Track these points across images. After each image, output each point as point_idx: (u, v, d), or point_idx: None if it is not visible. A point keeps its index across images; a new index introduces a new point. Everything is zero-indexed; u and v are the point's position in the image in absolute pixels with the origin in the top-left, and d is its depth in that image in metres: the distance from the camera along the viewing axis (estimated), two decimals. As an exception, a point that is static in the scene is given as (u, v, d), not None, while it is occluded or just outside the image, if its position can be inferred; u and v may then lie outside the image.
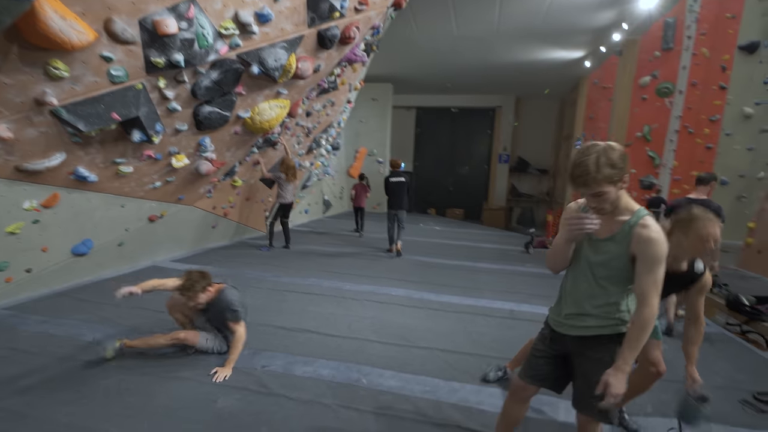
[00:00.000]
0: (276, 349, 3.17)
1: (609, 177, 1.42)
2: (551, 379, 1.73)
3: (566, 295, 1.68)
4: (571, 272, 1.67)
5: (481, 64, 10.73)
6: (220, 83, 4.09)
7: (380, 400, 2.55)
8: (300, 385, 2.68)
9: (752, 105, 12.22)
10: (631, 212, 1.51)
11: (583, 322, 1.60)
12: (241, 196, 6.88)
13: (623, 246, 1.49)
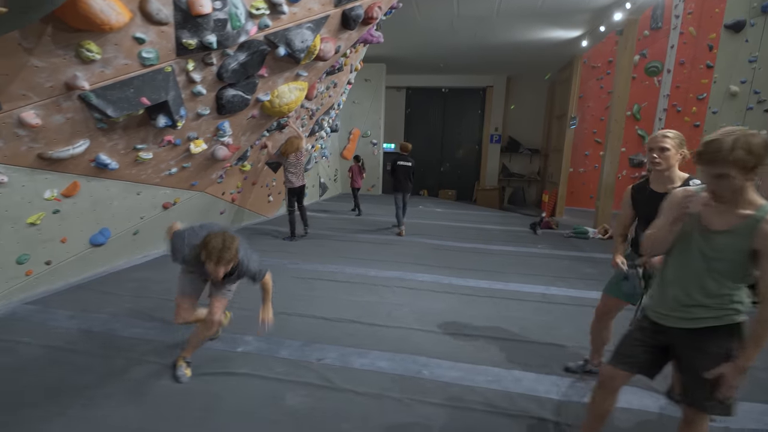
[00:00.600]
0: (325, 341, 3.16)
1: (740, 160, 1.35)
2: (647, 367, 1.71)
3: (669, 286, 1.62)
4: (676, 261, 1.62)
5: (475, 44, 10.65)
6: (246, 65, 3.94)
7: (448, 392, 2.57)
8: (363, 379, 2.67)
9: (738, 83, 12.73)
10: (755, 206, 1.44)
11: (693, 314, 1.54)
12: (248, 180, 6.72)
13: (744, 240, 1.44)
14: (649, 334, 1.68)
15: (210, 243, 2.16)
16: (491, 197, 12.83)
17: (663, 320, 1.63)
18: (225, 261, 2.17)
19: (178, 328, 3.18)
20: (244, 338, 3.14)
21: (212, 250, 2.14)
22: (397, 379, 2.69)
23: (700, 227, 1.53)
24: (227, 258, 2.17)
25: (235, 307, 3.39)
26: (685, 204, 1.50)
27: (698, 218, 1.54)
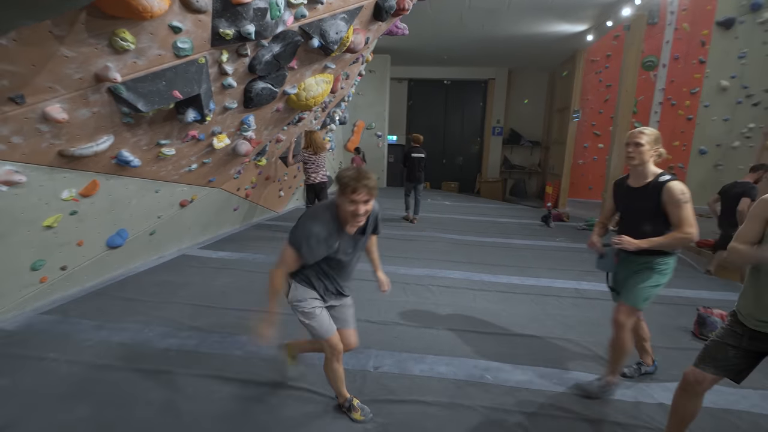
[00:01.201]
0: (377, 346, 3.02)
1: None
2: (737, 372, 1.71)
3: (764, 291, 1.62)
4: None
5: (481, 36, 10.51)
6: (279, 57, 3.71)
7: (517, 396, 2.47)
8: (427, 387, 2.55)
9: (728, 78, 12.95)
10: None
11: None
12: (263, 175, 6.48)
13: None
14: (745, 341, 1.68)
15: (349, 172, 1.83)
16: (495, 189, 12.83)
17: (764, 328, 1.62)
18: (372, 184, 1.82)
19: (218, 338, 3.01)
20: None
21: (357, 175, 1.80)
22: (462, 385, 2.59)
23: None
24: (373, 181, 1.83)
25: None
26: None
27: None
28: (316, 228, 1.86)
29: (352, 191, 1.79)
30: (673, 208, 2.12)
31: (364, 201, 1.82)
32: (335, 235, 1.91)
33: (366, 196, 1.81)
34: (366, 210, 1.84)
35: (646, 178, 2.25)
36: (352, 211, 1.82)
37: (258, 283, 4.18)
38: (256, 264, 4.80)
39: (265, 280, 1.99)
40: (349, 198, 1.80)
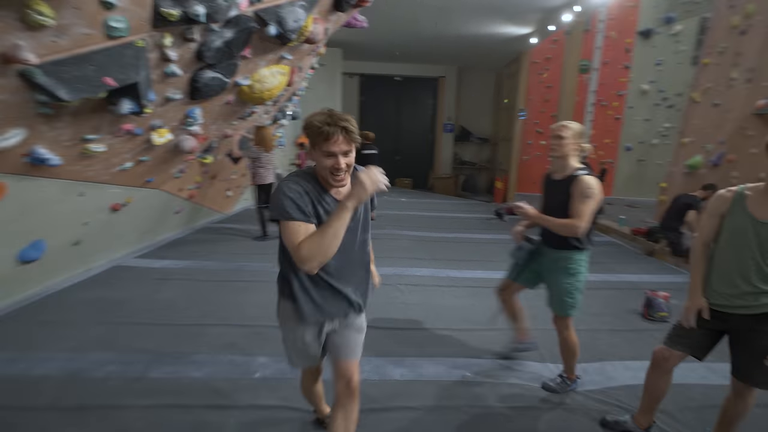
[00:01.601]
0: None
1: None
2: (701, 349, 1.85)
3: (724, 275, 1.75)
4: (732, 254, 1.74)
5: (433, 34, 10.52)
6: (231, 44, 3.32)
7: (499, 391, 2.44)
8: (409, 391, 2.41)
9: (648, 83, 14.15)
10: None
11: (758, 301, 1.69)
12: (209, 174, 5.94)
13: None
14: (707, 321, 1.81)
15: (319, 116, 1.38)
16: (448, 185, 13.02)
17: (726, 308, 1.76)
18: (352, 127, 1.38)
19: (171, 360, 2.62)
20: (258, 360, 2.67)
21: (330, 117, 1.36)
22: (445, 386, 2.48)
23: (754, 221, 1.68)
24: (352, 124, 1.39)
25: (220, 324, 2.93)
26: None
27: (749, 215, 1.70)
28: (292, 185, 1.41)
29: (325, 138, 1.34)
30: (576, 199, 2.14)
31: (343, 152, 1.37)
32: (320, 198, 1.44)
33: (345, 144, 1.36)
34: (348, 163, 1.40)
35: (565, 171, 2.26)
36: (330, 166, 1.38)
37: (212, 292, 3.78)
38: (208, 272, 4.36)
39: (220, 289, 1.71)
40: (323, 149, 1.36)
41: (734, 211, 1.76)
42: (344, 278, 1.54)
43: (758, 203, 1.70)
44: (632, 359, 2.78)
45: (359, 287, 1.62)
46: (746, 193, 1.75)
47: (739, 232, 1.72)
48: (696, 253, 1.88)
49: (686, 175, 7.89)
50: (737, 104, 6.74)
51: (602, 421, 2.14)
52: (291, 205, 1.37)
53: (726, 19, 7.42)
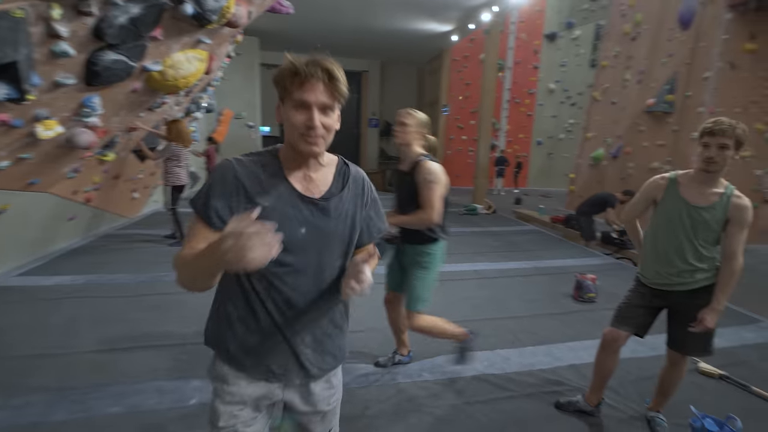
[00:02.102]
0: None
1: (738, 137, 1.72)
2: (644, 327, 1.98)
3: (663, 256, 1.89)
4: (668, 236, 1.88)
5: (355, 27, 10.39)
6: (137, 22, 2.86)
7: (455, 387, 2.40)
8: (367, 398, 2.28)
9: (554, 82, 15.53)
10: (724, 186, 1.81)
11: (693, 277, 1.84)
12: (110, 174, 5.19)
13: (721, 213, 1.79)
14: (647, 299, 1.96)
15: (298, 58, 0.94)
16: (375, 180, 12.90)
17: (665, 286, 1.90)
18: (338, 74, 0.94)
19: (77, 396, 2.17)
20: (191, 384, 2.30)
21: (309, 58, 0.93)
22: (402, 389, 2.37)
23: (687, 206, 1.83)
24: (337, 69, 0.94)
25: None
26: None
27: (683, 199, 1.85)
28: (237, 166, 0.97)
29: (300, 83, 0.91)
30: (421, 187, 2.13)
31: (321, 105, 0.93)
32: (270, 187, 0.97)
33: (325, 95, 0.93)
34: (326, 125, 0.95)
35: (410, 160, 2.25)
36: (302, 123, 0.93)
37: (123, 310, 3.27)
38: (115, 287, 3.78)
39: (133, 306, 1.39)
40: (295, 98, 0.92)
41: (668, 196, 1.90)
42: (295, 320, 1.02)
43: (689, 189, 1.84)
44: (572, 340, 2.94)
45: (320, 341, 1.07)
46: (678, 180, 1.89)
47: (674, 216, 1.86)
48: (630, 226, 2.11)
49: (591, 167, 8.73)
50: (631, 102, 7.57)
51: (557, 404, 2.20)
52: (212, 196, 0.94)
53: (619, 27, 8.29)
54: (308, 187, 1.00)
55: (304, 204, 0.99)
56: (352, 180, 1.08)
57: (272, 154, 1.02)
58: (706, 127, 1.76)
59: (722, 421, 1.86)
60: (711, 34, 6.22)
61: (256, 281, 0.99)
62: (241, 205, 0.94)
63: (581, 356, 2.70)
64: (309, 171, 1.01)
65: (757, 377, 2.55)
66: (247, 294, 1.00)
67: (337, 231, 1.03)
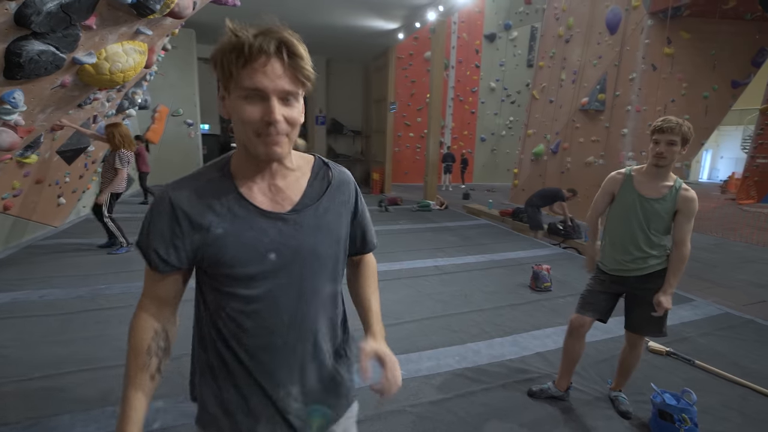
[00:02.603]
0: None
1: (684, 134, 1.87)
2: (606, 312, 2.12)
3: (619, 244, 2.06)
4: (623, 226, 2.05)
5: (299, 22, 10.01)
6: (68, 9, 2.56)
7: (433, 383, 2.42)
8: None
9: (495, 81, 16.23)
10: (673, 180, 1.97)
11: (646, 263, 2.00)
12: (31, 178, 4.63)
13: (671, 204, 1.95)
14: (607, 285, 2.11)
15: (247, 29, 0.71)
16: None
17: (621, 272, 2.06)
18: (299, 50, 0.72)
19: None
20: (152, 406, 2.10)
21: (261, 28, 0.71)
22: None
23: (640, 197, 1.99)
24: (298, 45, 0.72)
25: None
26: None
27: (637, 192, 2.00)
28: (164, 195, 0.78)
29: (245, 61, 0.69)
30: None
31: (281, 92, 0.71)
32: (218, 202, 0.78)
33: (285, 79, 0.71)
34: (291, 118, 0.74)
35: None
36: (258, 119, 0.72)
37: (59, 330, 2.94)
38: (46, 304, 3.38)
39: (71, 324, 1.24)
40: (242, 84, 0.71)
41: (624, 190, 2.06)
42: (276, 369, 0.83)
43: (643, 183, 2.01)
44: (535, 329, 3.08)
45: (311, 391, 0.87)
46: (633, 175, 2.06)
47: (628, 207, 2.02)
48: (591, 222, 2.26)
49: (532, 162, 9.23)
50: (567, 101, 8.08)
51: (529, 392, 2.29)
52: (151, 235, 0.77)
53: (553, 29, 8.81)
54: (275, 199, 0.80)
55: (268, 222, 0.78)
56: (336, 184, 0.87)
57: (219, 166, 0.81)
58: (657, 126, 1.91)
59: (679, 395, 2.03)
60: (635, 39, 6.80)
61: (223, 325, 0.80)
62: (187, 239, 0.76)
63: (546, 344, 2.84)
64: (274, 179, 0.80)
65: (698, 351, 2.83)
66: (215, 341, 0.82)
67: (318, 249, 0.82)
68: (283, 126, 0.72)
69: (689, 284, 4.35)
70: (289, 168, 0.82)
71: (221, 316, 0.80)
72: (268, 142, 0.72)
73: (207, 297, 0.82)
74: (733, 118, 21.01)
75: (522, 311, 3.42)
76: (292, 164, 0.83)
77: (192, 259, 0.78)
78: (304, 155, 0.88)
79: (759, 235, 7.05)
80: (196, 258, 0.78)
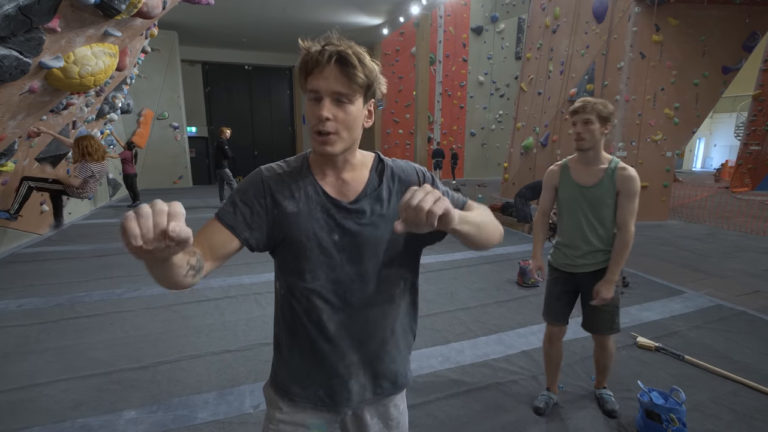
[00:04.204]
0: (249, 379, 2.36)
1: (599, 111, 1.78)
2: (565, 314, 2.03)
3: (567, 240, 1.95)
4: (570, 221, 1.94)
5: (282, 21, 10.01)
6: (27, 11, 2.47)
7: (417, 382, 2.32)
8: None
9: (483, 74, 16.16)
10: (607, 161, 1.86)
11: (596, 258, 1.89)
12: (9, 186, 4.54)
13: (610, 187, 1.83)
14: (561, 284, 2.01)
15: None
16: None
17: (573, 269, 1.95)
18: (355, 58, 0.81)
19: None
20: (125, 416, 2.06)
21: (320, 42, 0.84)
22: None
23: (578, 188, 1.89)
24: (359, 55, 0.83)
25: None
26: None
27: (575, 183, 1.90)
28: (257, 171, 0.93)
29: (309, 71, 0.82)
30: None
31: (333, 94, 0.81)
32: (297, 187, 0.89)
33: (338, 82, 0.81)
34: (341, 118, 0.82)
35: None
36: (313, 116, 0.83)
37: (35, 340, 2.87)
38: (23, 314, 3.30)
39: (48, 334, 1.18)
40: (308, 88, 0.83)
41: (563, 182, 1.97)
42: (341, 340, 0.92)
43: (578, 171, 1.91)
44: (521, 326, 3.02)
45: (372, 363, 0.96)
46: (569, 165, 1.96)
47: (571, 199, 1.92)
48: (536, 222, 2.10)
49: (522, 155, 9.18)
50: (555, 92, 8.02)
51: (536, 411, 2.10)
52: (235, 199, 0.89)
53: (540, 20, 8.74)
54: (342, 191, 0.91)
55: (335, 208, 0.90)
56: (390, 177, 0.95)
57: (301, 158, 0.96)
58: (571, 108, 1.86)
59: (667, 394, 1.97)
60: (622, 27, 6.74)
61: (296, 301, 0.92)
62: (267, 209, 0.89)
63: (531, 341, 2.79)
64: (341, 173, 0.92)
65: (688, 345, 2.78)
66: (287, 315, 0.95)
67: (378, 237, 0.90)
68: (330, 124, 0.82)
69: (681, 275, 4.31)
70: (354, 163, 0.93)
71: (296, 293, 0.91)
72: (319, 140, 0.84)
73: (280, 281, 0.95)
74: (726, 105, 21.05)
75: (508, 308, 3.36)
76: (356, 161, 0.93)
77: (267, 236, 0.89)
78: (366, 153, 0.98)
79: (753, 224, 7.00)
80: (272, 234, 0.89)
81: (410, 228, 0.69)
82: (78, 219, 7.16)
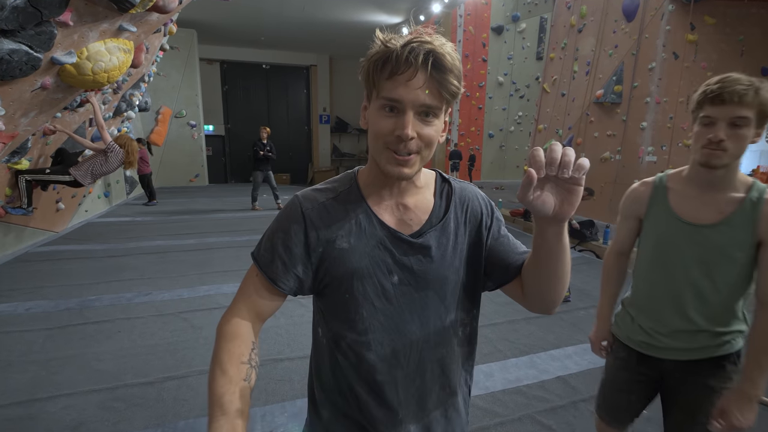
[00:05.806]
0: (258, 402, 2.20)
1: (763, 104, 1.01)
2: (641, 410, 1.33)
3: (647, 305, 1.24)
4: (656, 272, 1.21)
5: (301, 20, 9.92)
6: (38, 4, 2.35)
7: (489, 405, 2.14)
8: None
9: (503, 75, 15.85)
10: (746, 186, 1.10)
11: (695, 342, 1.16)
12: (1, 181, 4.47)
13: (746, 231, 1.07)
14: (633, 370, 1.29)
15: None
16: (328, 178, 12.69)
17: (654, 351, 1.23)
18: (449, 62, 0.66)
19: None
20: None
21: (400, 40, 0.67)
22: None
23: (684, 226, 1.15)
24: (454, 58, 0.67)
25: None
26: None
27: (676, 217, 1.16)
28: (294, 203, 0.76)
29: (390, 73, 0.65)
30: None
31: (420, 105, 0.65)
32: (346, 218, 0.73)
33: (430, 94, 0.65)
34: (426, 136, 0.67)
35: None
36: (390, 130, 0.66)
37: (40, 348, 2.75)
38: (31, 318, 3.20)
39: (54, 341, 1.07)
40: (383, 94, 0.66)
41: (654, 211, 1.22)
42: (392, 401, 0.75)
43: (686, 198, 1.15)
44: (554, 347, 2.80)
45: (427, 427, 0.79)
46: (667, 186, 1.20)
47: (667, 243, 1.18)
48: (606, 264, 1.36)
49: (544, 158, 8.87)
50: (580, 94, 7.72)
51: None
52: (278, 245, 0.73)
53: (565, 19, 8.44)
54: (402, 219, 0.74)
55: (395, 243, 0.73)
56: (458, 203, 0.78)
57: (347, 179, 0.78)
58: (709, 90, 1.04)
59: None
60: (654, 26, 6.42)
61: (342, 355, 0.75)
62: (310, 249, 0.72)
63: (567, 366, 2.56)
64: (402, 197, 0.75)
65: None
66: (328, 370, 0.77)
67: (443, 276, 0.74)
68: (414, 144, 0.66)
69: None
70: (418, 186, 0.76)
71: (341, 347, 0.75)
72: (397, 161, 0.67)
73: (323, 328, 0.78)
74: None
75: (538, 326, 3.12)
76: (420, 182, 0.77)
77: (313, 278, 0.74)
78: (426, 171, 0.80)
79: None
80: (318, 276, 0.74)
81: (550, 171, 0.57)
82: (94, 217, 7.14)
